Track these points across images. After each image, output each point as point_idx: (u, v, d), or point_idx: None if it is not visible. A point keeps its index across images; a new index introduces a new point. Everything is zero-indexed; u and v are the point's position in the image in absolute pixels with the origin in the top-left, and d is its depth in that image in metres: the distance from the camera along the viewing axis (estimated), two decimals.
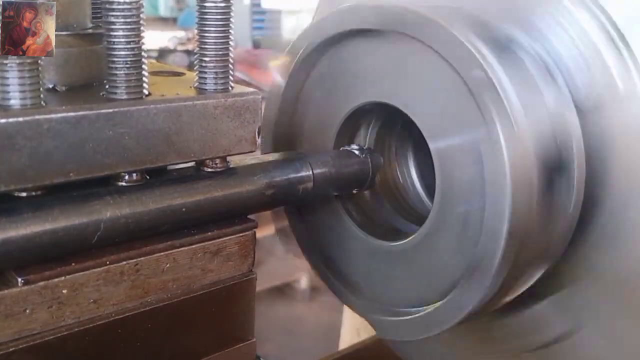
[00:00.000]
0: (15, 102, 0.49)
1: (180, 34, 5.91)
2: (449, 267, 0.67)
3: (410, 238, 0.71)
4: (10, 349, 0.52)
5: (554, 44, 0.64)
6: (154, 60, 0.77)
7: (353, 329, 1.64)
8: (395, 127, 0.83)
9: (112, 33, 0.54)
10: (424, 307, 0.69)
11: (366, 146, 0.79)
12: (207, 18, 0.60)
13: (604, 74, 0.62)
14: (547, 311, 0.72)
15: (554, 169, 0.61)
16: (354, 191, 0.78)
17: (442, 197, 0.67)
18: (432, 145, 0.67)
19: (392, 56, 0.69)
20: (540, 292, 0.71)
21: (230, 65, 0.63)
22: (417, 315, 0.69)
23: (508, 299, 0.69)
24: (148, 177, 0.59)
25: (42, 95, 0.50)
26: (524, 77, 0.62)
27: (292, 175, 0.68)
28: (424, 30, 0.63)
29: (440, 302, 0.67)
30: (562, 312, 0.71)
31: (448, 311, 0.66)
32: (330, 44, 0.74)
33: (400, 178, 0.85)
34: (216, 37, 0.60)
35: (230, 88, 0.63)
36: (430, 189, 0.81)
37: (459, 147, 0.64)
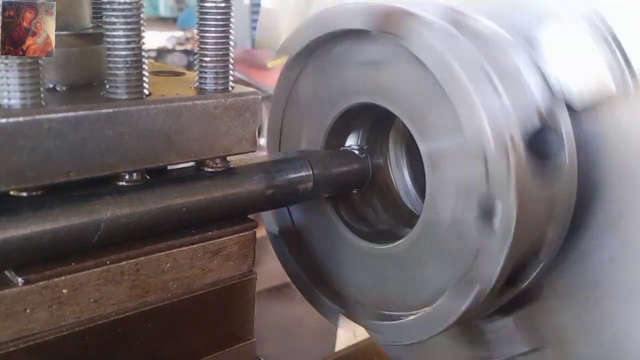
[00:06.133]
0: (15, 102, 0.49)
1: (179, 33, 5.90)
2: (440, 271, 0.66)
3: (401, 241, 0.70)
4: (11, 349, 0.52)
5: (546, 47, 0.64)
6: (152, 60, 0.77)
7: (349, 330, 1.64)
8: (387, 128, 0.83)
9: (112, 33, 0.54)
10: (413, 312, 0.68)
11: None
12: (207, 18, 0.60)
13: (597, 76, 0.62)
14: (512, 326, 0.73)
15: (544, 172, 0.61)
16: (354, 191, 0.78)
17: (433, 199, 0.66)
18: (422, 147, 0.66)
19: (382, 56, 0.68)
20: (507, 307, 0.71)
21: (231, 65, 0.63)
22: (404, 320, 0.69)
23: (499, 304, 0.69)
24: (148, 177, 0.59)
25: (42, 95, 0.50)
26: (511, 74, 0.61)
27: (292, 175, 0.68)
28: (402, 30, 0.63)
29: (429, 307, 0.66)
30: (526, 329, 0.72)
31: (436, 317, 0.65)
32: (319, 44, 0.74)
33: (392, 179, 0.85)
34: (216, 37, 0.60)
35: (230, 88, 0.63)
36: (422, 190, 0.80)
37: (449, 148, 0.63)
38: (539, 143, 0.60)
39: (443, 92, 0.61)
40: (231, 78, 0.63)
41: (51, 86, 0.58)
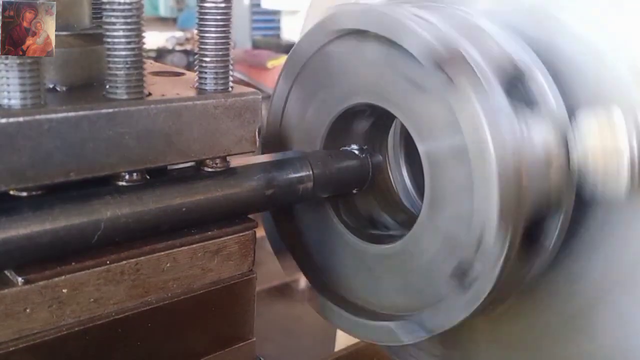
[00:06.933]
0: (15, 102, 0.49)
1: (179, 34, 5.90)
2: (436, 273, 0.66)
3: (399, 242, 0.70)
4: (10, 349, 0.52)
5: (580, 131, 0.62)
6: (152, 60, 0.77)
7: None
8: (386, 128, 0.83)
9: (112, 33, 0.54)
10: (407, 314, 0.69)
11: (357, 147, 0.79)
12: (207, 18, 0.60)
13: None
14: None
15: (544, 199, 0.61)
16: (354, 191, 0.78)
17: (431, 200, 0.66)
18: (421, 148, 0.66)
19: (381, 57, 0.68)
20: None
21: (231, 66, 0.63)
22: (397, 322, 0.69)
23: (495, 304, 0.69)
24: (148, 177, 0.59)
25: (42, 95, 0.50)
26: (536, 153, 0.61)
27: (292, 175, 0.68)
28: (401, 33, 0.63)
29: (423, 311, 0.66)
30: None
31: (430, 321, 0.65)
32: (320, 44, 0.74)
33: (392, 180, 0.85)
34: (216, 38, 0.61)
35: (230, 88, 0.63)
36: (422, 191, 0.80)
37: (449, 149, 0.63)
38: (537, 230, 0.61)
39: (442, 93, 0.61)
40: (231, 78, 0.63)
41: (51, 86, 0.58)
